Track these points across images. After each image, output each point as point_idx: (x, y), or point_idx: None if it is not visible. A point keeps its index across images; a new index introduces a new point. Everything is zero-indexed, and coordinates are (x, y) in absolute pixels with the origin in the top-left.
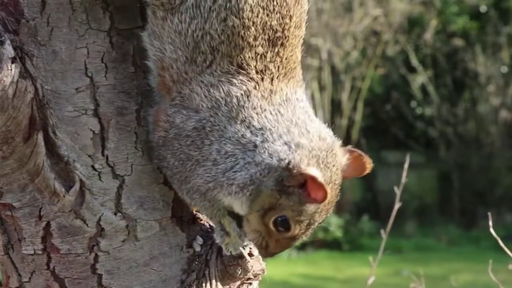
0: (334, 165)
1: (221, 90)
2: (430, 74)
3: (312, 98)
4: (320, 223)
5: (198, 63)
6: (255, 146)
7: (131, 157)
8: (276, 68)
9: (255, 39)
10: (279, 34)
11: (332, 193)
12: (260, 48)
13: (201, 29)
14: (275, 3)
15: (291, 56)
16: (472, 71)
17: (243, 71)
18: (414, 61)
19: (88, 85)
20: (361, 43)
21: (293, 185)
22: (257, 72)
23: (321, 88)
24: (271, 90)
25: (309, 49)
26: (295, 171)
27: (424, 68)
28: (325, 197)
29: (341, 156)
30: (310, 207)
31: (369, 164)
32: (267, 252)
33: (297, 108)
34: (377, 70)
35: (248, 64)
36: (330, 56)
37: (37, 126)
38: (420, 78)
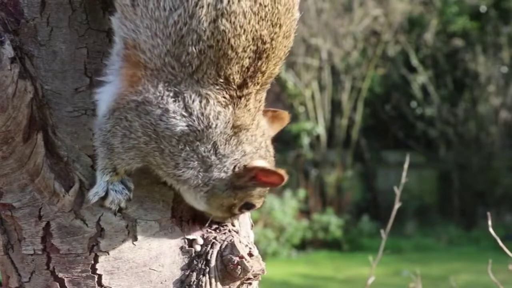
0: (267, 145)
1: (212, 109)
2: (430, 74)
3: (312, 98)
4: None
5: (184, 63)
6: (211, 165)
7: None
8: (254, 84)
9: (244, 50)
10: (267, 45)
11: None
12: (246, 60)
13: (186, 24)
14: (266, 9)
15: (272, 70)
16: (472, 71)
17: (227, 87)
18: (414, 61)
19: (88, 85)
20: (361, 43)
21: (245, 181)
22: (238, 88)
23: (321, 88)
24: (240, 118)
25: (309, 49)
26: (241, 170)
27: (424, 68)
28: (282, 179)
29: (267, 127)
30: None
31: (284, 114)
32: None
33: (255, 130)
34: (377, 70)
35: (233, 79)
36: (330, 56)
37: (36, 126)
38: (420, 78)
